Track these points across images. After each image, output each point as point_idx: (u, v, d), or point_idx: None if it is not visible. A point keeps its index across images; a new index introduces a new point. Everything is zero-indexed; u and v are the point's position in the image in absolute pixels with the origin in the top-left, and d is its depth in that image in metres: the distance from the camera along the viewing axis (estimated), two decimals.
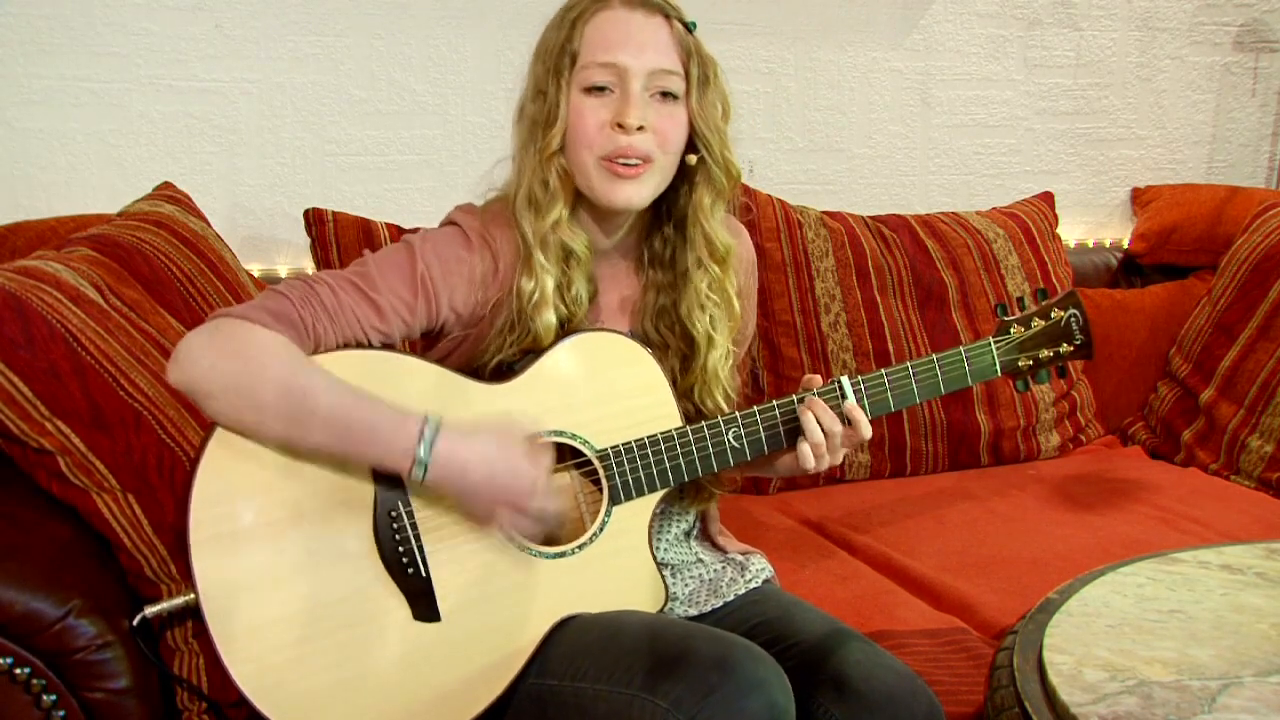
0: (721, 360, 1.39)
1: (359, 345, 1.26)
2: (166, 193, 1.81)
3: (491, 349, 1.33)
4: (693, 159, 1.33)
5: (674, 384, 1.37)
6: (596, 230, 1.37)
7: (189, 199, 1.82)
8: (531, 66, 1.34)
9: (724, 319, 1.40)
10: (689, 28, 1.31)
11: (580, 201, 1.34)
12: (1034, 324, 1.47)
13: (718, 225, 1.37)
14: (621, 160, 1.28)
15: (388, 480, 1.23)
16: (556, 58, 1.30)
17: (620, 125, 1.27)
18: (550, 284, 1.31)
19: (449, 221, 1.36)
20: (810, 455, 1.33)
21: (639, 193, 1.30)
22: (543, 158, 1.30)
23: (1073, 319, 1.48)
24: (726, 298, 1.40)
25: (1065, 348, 1.48)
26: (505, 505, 1.22)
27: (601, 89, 1.28)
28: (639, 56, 1.27)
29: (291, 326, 1.20)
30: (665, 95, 1.30)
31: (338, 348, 1.24)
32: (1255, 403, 2.23)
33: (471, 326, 1.34)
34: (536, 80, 1.32)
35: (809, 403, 1.34)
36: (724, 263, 1.38)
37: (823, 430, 1.33)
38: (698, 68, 1.31)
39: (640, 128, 1.27)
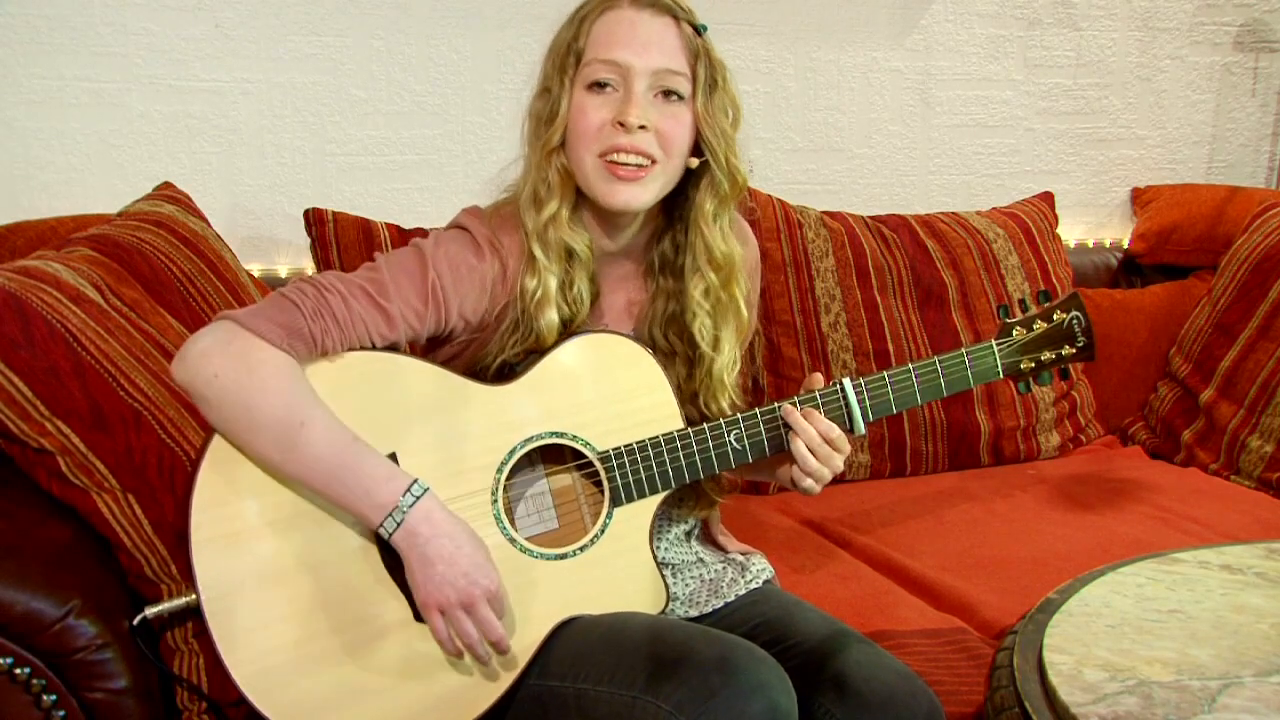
0: (728, 366, 1.37)
1: (363, 349, 1.25)
2: (166, 193, 1.81)
3: (494, 350, 1.32)
4: (695, 162, 1.32)
5: (679, 389, 1.36)
6: (600, 231, 1.36)
7: (189, 199, 1.82)
8: (542, 64, 1.33)
9: (727, 326, 1.37)
10: (699, 30, 1.30)
11: (584, 202, 1.33)
12: (1036, 326, 1.47)
13: (719, 233, 1.34)
14: (620, 158, 1.27)
15: None
16: (563, 55, 1.29)
17: (621, 123, 1.26)
18: (554, 282, 1.30)
19: (457, 225, 1.35)
20: (816, 486, 1.34)
21: (639, 196, 1.29)
22: (544, 153, 1.30)
23: (1075, 321, 1.47)
24: (733, 303, 1.37)
25: (1067, 350, 1.47)
26: (458, 593, 1.18)
27: (604, 85, 1.27)
28: (643, 55, 1.26)
29: (301, 341, 1.19)
30: (669, 95, 1.28)
31: (342, 352, 1.24)
32: (1255, 403, 2.23)
33: (478, 331, 1.33)
34: (544, 77, 1.32)
35: (796, 426, 1.32)
36: (722, 270, 1.35)
37: (813, 454, 1.32)
38: (705, 70, 1.29)
39: (642, 127, 1.26)
